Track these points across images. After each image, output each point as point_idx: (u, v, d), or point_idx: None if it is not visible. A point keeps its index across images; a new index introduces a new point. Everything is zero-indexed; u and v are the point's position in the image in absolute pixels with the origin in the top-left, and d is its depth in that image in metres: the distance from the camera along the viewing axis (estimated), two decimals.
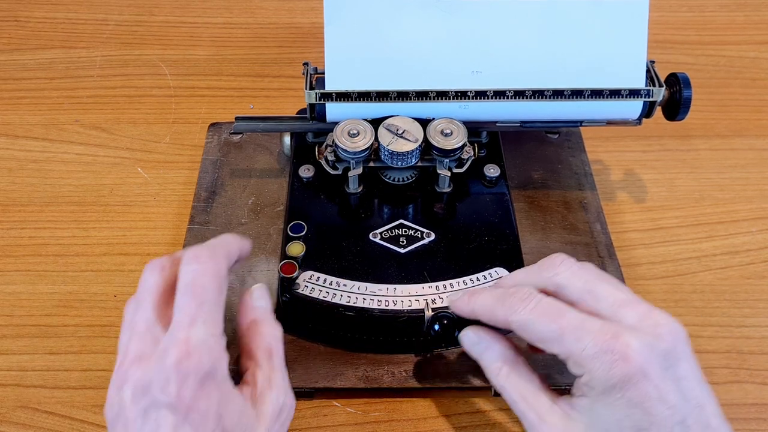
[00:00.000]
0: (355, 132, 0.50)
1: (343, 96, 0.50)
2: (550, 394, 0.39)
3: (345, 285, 0.46)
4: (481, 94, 0.50)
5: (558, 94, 0.50)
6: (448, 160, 0.51)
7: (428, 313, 0.44)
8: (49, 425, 0.46)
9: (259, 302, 0.43)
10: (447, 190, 0.52)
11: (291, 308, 0.47)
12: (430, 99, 0.50)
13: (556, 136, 0.61)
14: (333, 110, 0.51)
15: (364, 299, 0.46)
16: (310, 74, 0.52)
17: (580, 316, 0.37)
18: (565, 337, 0.36)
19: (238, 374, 0.40)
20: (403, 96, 0.50)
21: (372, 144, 0.50)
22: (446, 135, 0.50)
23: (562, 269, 0.39)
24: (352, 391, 0.46)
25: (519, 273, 0.42)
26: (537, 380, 0.39)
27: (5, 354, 0.49)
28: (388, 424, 0.46)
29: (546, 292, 0.39)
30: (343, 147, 0.49)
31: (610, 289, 0.38)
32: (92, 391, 0.47)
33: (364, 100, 0.50)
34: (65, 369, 0.48)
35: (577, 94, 0.50)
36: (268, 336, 0.41)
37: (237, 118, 0.54)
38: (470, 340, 0.42)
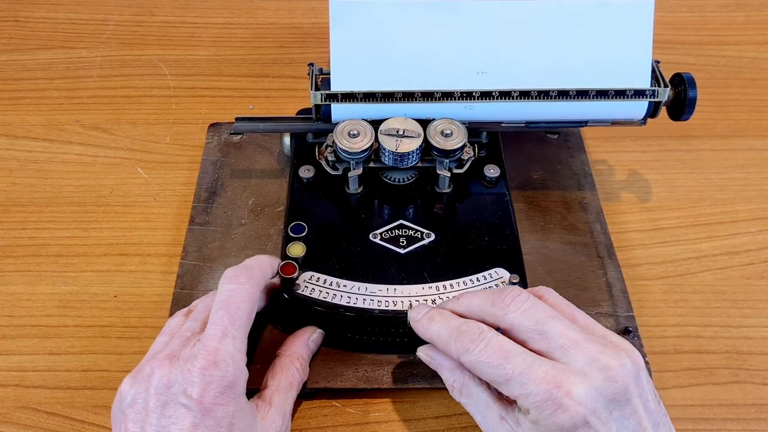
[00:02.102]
0: (355, 132, 0.50)
1: (349, 97, 0.50)
2: (501, 406, 0.39)
3: (345, 285, 0.46)
4: (486, 95, 0.50)
5: (563, 94, 0.50)
6: (448, 161, 0.51)
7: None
8: (49, 425, 0.46)
9: (312, 345, 0.46)
10: (447, 190, 0.52)
11: (291, 308, 0.47)
12: (435, 100, 0.50)
13: (556, 137, 0.61)
14: (338, 111, 0.51)
15: (364, 300, 0.46)
16: (316, 75, 0.52)
17: (527, 361, 0.37)
18: (510, 382, 0.37)
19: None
20: (408, 97, 0.50)
21: (372, 144, 0.50)
22: (446, 135, 0.50)
23: (511, 308, 0.39)
24: (352, 392, 0.46)
25: (474, 298, 0.41)
26: (487, 393, 0.39)
27: (6, 354, 0.49)
28: (388, 424, 0.46)
29: (498, 329, 0.39)
30: (343, 148, 0.49)
31: (561, 328, 0.37)
32: (92, 391, 0.47)
33: (369, 100, 0.50)
34: (65, 369, 0.48)
35: (582, 94, 0.50)
36: (299, 373, 0.44)
37: (237, 119, 0.54)
38: (425, 360, 0.43)
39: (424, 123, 0.51)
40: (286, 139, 0.56)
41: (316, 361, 0.47)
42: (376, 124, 0.50)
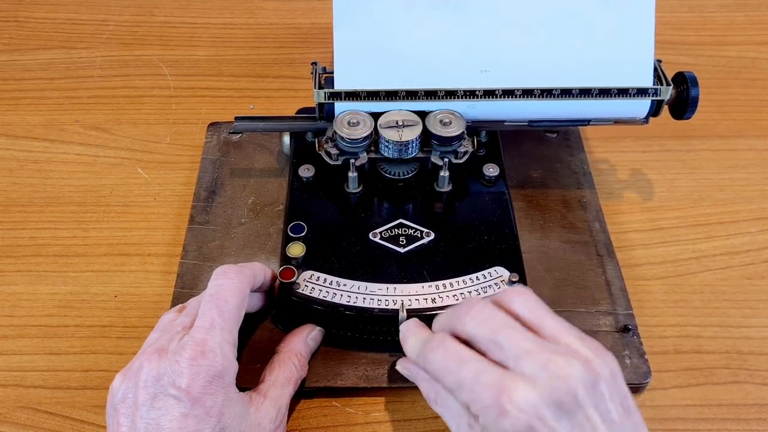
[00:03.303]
0: (355, 122, 0.50)
1: (352, 95, 0.50)
2: (470, 415, 0.38)
3: (345, 285, 0.46)
4: (489, 93, 0.50)
5: (566, 93, 0.50)
6: (446, 152, 0.51)
7: (402, 314, 0.44)
8: (49, 425, 0.46)
9: (311, 342, 0.47)
10: (446, 189, 0.52)
11: (291, 308, 0.47)
12: (438, 98, 0.50)
13: (555, 135, 0.61)
14: (342, 109, 0.51)
15: (364, 299, 0.46)
16: (319, 74, 0.52)
17: (478, 368, 0.37)
18: (462, 388, 0.37)
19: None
20: (411, 95, 0.50)
21: (371, 132, 0.50)
22: (445, 124, 0.50)
23: (467, 319, 0.38)
24: (352, 391, 0.46)
25: (444, 314, 0.41)
26: (458, 402, 0.39)
27: (5, 354, 0.49)
28: (388, 424, 0.46)
29: (461, 340, 0.39)
30: (343, 135, 0.49)
31: (514, 338, 0.37)
32: (92, 391, 0.47)
33: (372, 99, 0.50)
34: (65, 369, 0.48)
35: (585, 93, 0.50)
36: (297, 370, 0.45)
37: (236, 118, 0.54)
38: (403, 373, 0.43)
39: (423, 115, 0.51)
40: (286, 139, 0.56)
41: (315, 360, 0.47)
42: (375, 116, 0.51)
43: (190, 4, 0.78)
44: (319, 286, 0.46)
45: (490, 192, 0.52)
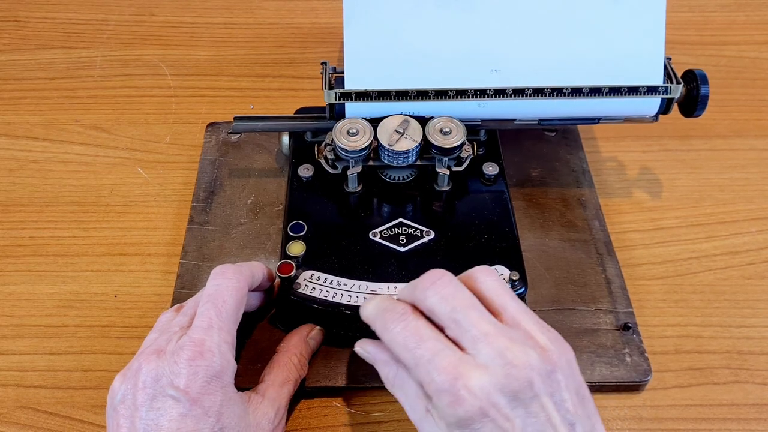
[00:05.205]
0: (354, 131, 0.50)
1: (363, 95, 0.50)
2: (428, 399, 0.38)
3: (345, 284, 0.46)
4: (500, 93, 0.50)
5: (576, 91, 0.50)
6: (447, 159, 0.51)
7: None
8: (49, 425, 0.46)
9: (311, 342, 0.47)
10: (446, 188, 0.52)
11: (292, 307, 0.47)
12: (449, 98, 0.50)
13: (554, 134, 0.61)
14: (352, 110, 0.51)
15: (365, 298, 0.45)
16: (329, 74, 0.52)
17: (435, 348, 0.36)
18: (419, 367, 0.36)
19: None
20: (422, 95, 0.50)
21: (371, 143, 0.50)
22: (445, 133, 0.50)
23: (430, 293, 0.38)
24: (352, 391, 0.46)
25: (408, 284, 0.40)
26: (416, 386, 0.39)
27: (5, 354, 0.49)
28: (388, 424, 0.46)
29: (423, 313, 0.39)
30: (342, 146, 0.49)
31: (474, 319, 0.37)
32: (92, 391, 0.47)
33: (383, 99, 0.50)
34: (65, 369, 0.48)
35: (595, 91, 0.50)
36: (296, 369, 0.45)
37: (235, 118, 0.54)
38: (362, 355, 0.43)
39: (423, 121, 0.51)
40: (285, 138, 0.56)
41: (316, 360, 0.47)
42: (375, 122, 0.50)
43: (190, 4, 0.78)
44: (320, 285, 0.46)
45: (490, 191, 0.52)
